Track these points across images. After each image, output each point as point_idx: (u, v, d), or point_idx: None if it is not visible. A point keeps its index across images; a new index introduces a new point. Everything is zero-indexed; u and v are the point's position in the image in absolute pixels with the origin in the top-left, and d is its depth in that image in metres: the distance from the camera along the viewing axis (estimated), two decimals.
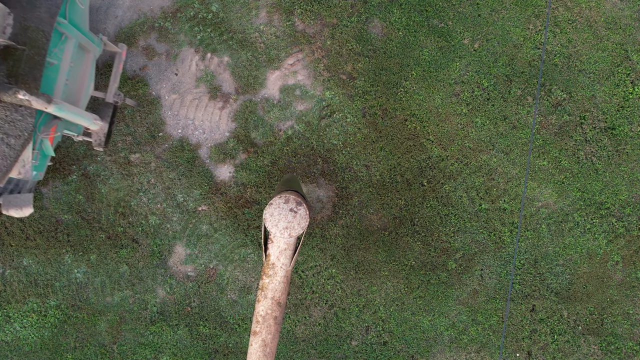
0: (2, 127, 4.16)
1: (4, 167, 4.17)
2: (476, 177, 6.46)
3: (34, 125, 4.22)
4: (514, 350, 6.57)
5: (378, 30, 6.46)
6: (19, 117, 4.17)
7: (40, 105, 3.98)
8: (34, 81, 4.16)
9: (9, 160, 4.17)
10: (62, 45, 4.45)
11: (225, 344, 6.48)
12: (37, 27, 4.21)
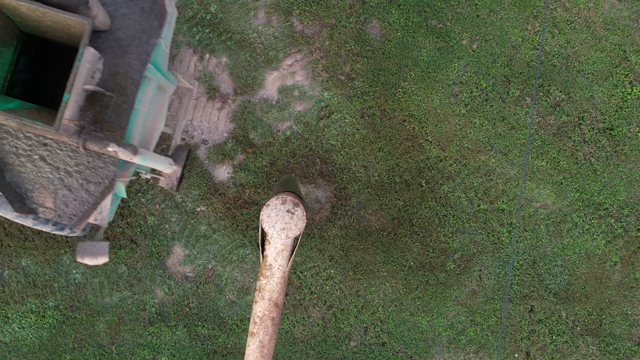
0: (82, 173, 4.06)
1: (81, 213, 4.07)
2: (474, 178, 6.47)
3: (115, 173, 4.12)
4: (512, 350, 6.57)
5: (376, 31, 6.47)
6: (100, 165, 4.06)
7: (126, 156, 3.85)
8: (120, 129, 4.01)
9: (87, 206, 4.07)
10: (143, 88, 4.32)
11: (223, 345, 6.48)
12: (127, 74, 4.07)
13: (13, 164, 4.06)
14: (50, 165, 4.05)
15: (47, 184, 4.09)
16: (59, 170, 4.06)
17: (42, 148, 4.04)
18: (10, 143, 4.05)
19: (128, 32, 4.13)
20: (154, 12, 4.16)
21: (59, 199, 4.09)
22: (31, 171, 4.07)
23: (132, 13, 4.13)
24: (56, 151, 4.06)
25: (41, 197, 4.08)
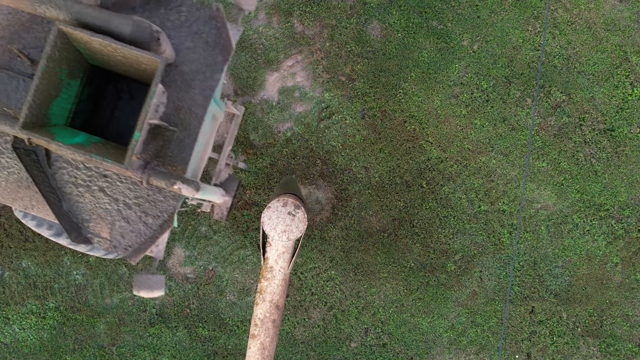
0: (141, 206, 4.02)
1: (137, 245, 4.03)
2: (475, 179, 6.46)
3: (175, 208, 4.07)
4: (513, 351, 6.57)
5: (377, 32, 6.46)
6: (160, 198, 4.02)
7: (189, 193, 3.77)
8: (182, 164, 3.93)
9: (144, 239, 4.04)
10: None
11: (224, 346, 6.47)
12: (190, 108, 3.98)
13: (71, 194, 4.04)
14: (109, 196, 4.03)
15: (105, 215, 4.06)
16: (117, 202, 4.04)
17: (102, 179, 4.03)
18: (70, 173, 4.03)
19: (192, 66, 4.05)
20: (219, 46, 4.06)
21: (116, 230, 4.06)
22: (89, 201, 4.05)
23: (196, 47, 4.05)
24: (116, 183, 4.04)
25: (97, 227, 4.07)
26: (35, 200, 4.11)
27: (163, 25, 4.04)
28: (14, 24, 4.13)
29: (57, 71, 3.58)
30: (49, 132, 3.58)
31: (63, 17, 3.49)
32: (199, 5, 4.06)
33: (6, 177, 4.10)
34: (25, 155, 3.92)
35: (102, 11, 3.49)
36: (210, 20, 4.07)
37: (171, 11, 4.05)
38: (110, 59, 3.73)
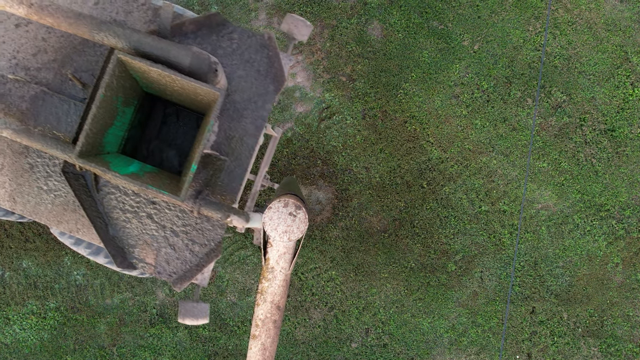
0: (189, 234, 4.01)
1: (182, 272, 4.03)
2: (476, 179, 6.46)
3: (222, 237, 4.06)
4: (514, 352, 6.56)
5: (378, 32, 6.46)
6: (208, 227, 4.00)
7: (239, 224, 3.75)
8: (232, 194, 3.92)
9: (189, 266, 4.02)
10: None
11: (224, 346, 6.47)
12: (242, 138, 3.97)
13: (118, 219, 4.04)
14: (156, 223, 4.03)
15: (151, 241, 4.06)
16: (165, 229, 4.04)
17: (151, 206, 4.02)
18: (118, 198, 4.03)
19: (244, 95, 4.02)
20: (270, 75, 4.03)
21: (161, 257, 4.06)
22: (136, 227, 4.05)
23: (248, 75, 4.02)
24: (164, 210, 4.03)
25: (143, 253, 4.06)
26: (81, 224, 4.10)
27: (215, 52, 4.01)
28: (67, 47, 4.13)
29: (113, 99, 3.56)
30: (104, 160, 3.56)
31: (121, 46, 3.46)
32: (250, 33, 4.02)
33: (52, 200, 4.10)
34: (74, 179, 3.92)
35: (160, 41, 3.46)
36: (261, 49, 4.03)
37: (223, 38, 4.02)
38: (167, 88, 3.70)
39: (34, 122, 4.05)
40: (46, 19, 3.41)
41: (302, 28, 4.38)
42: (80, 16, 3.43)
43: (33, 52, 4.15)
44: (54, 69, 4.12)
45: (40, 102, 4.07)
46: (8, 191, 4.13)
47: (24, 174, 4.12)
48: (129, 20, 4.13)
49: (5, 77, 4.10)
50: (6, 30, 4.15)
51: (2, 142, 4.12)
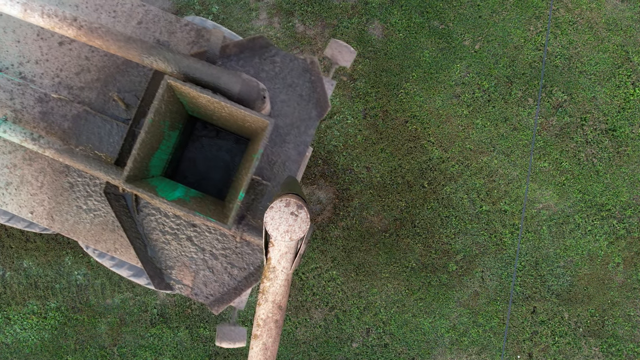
0: (228, 257, 4.02)
1: (219, 294, 4.03)
2: (477, 179, 6.46)
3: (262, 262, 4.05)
4: (515, 352, 6.56)
5: (378, 32, 6.46)
6: (248, 251, 4.01)
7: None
8: None
9: (227, 289, 4.03)
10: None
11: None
12: (284, 163, 3.97)
13: (157, 241, 4.04)
14: (196, 245, 4.02)
15: (190, 263, 4.05)
16: (204, 251, 4.03)
17: (191, 229, 4.01)
18: (158, 220, 4.03)
19: (287, 120, 4.00)
20: (313, 100, 4.01)
21: (199, 279, 4.06)
22: (175, 249, 4.04)
23: (290, 100, 4.01)
24: (204, 233, 4.02)
25: (180, 274, 4.06)
26: (119, 243, 4.11)
27: (258, 75, 3.99)
28: (110, 66, 4.12)
29: (161, 124, 3.55)
30: (151, 185, 3.55)
31: (171, 70, 3.44)
32: (292, 56, 4.00)
33: (92, 220, 4.10)
34: (115, 200, 3.92)
35: (210, 66, 3.43)
36: (304, 73, 4.01)
37: (265, 61, 4.00)
38: (214, 113, 3.68)
39: (75, 142, 4.05)
40: (95, 41, 3.39)
41: (346, 54, 4.34)
42: (130, 40, 3.41)
43: (76, 71, 4.13)
44: (97, 88, 4.11)
45: (83, 122, 4.06)
46: (47, 209, 4.13)
47: (63, 192, 4.12)
48: (172, 41, 4.12)
49: (48, 96, 4.09)
50: (50, 48, 4.14)
51: (43, 161, 4.11)
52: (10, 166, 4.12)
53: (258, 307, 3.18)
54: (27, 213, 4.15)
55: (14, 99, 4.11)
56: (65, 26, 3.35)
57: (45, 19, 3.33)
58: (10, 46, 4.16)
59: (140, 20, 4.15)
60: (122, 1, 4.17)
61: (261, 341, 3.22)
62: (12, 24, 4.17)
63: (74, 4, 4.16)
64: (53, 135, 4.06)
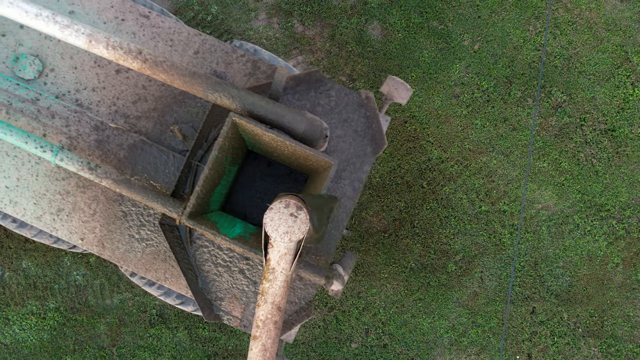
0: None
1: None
2: (476, 179, 6.46)
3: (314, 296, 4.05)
4: (514, 352, 6.56)
5: (378, 32, 6.45)
6: (300, 286, 4.01)
7: (337, 287, 3.76)
8: (327, 255, 3.93)
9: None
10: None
11: (224, 347, 6.47)
12: (340, 200, 3.96)
13: (209, 272, 4.05)
14: (248, 278, 4.03)
15: (240, 296, 4.06)
16: (256, 284, 4.03)
17: (244, 262, 4.02)
18: (211, 252, 4.03)
19: (342, 155, 3.97)
20: (368, 136, 3.98)
21: (249, 311, 4.06)
22: (226, 281, 4.05)
23: (346, 135, 3.97)
24: (257, 266, 4.03)
25: (230, 306, 4.07)
26: (170, 273, 4.12)
27: (314, 109, 3.97)
28: (167, 96, 4.11)
29: (223, 160, 3.53)
30: (212, 221, 3.53)
31: (235, 107, 3.42)
32: (347, 91, 3.98)
33: (143, 249, 4.11)
34: (169, 231, 3.93)
35: (275, 104, 3.41)
36: (359, 108, 3.98)
37: (321, 95, 3.98)
38: (275, 150, 3.65)
39: (131, 171, 4.05)
40: (160, 75, 3.36)
41: (403, 91, 4.31)
42: (195, 75, 3.37)
43: (133, 100, 4.12)
44: (154, 118, 4.09)
45: (139, 151, 4.06)
46: (98, 236, 4.14)
47: (116, 221, 4.12)
48: (229, 72, 4.10)
49: (104, 124, 4.08)
50: (107, 75, 4.13)
51: (96, 189, 4.11)
52: (63, 193, 4.12)
53: (257, 308, 3.18)
54: (77, 239, 4.16)
55: (70, 126, 4.10)
56: (130, 59, 3.31)
57: (110, 51, 3.29)
58: (67, 72, 4.14)
59: (197, 50, 4.13)
60: (178, 29, 4.15)
61: (260, 342, 3.22)
62: (70, 50, 4.15)
63: (131, 32, 4.14)
64: (108, 164, 4.06)
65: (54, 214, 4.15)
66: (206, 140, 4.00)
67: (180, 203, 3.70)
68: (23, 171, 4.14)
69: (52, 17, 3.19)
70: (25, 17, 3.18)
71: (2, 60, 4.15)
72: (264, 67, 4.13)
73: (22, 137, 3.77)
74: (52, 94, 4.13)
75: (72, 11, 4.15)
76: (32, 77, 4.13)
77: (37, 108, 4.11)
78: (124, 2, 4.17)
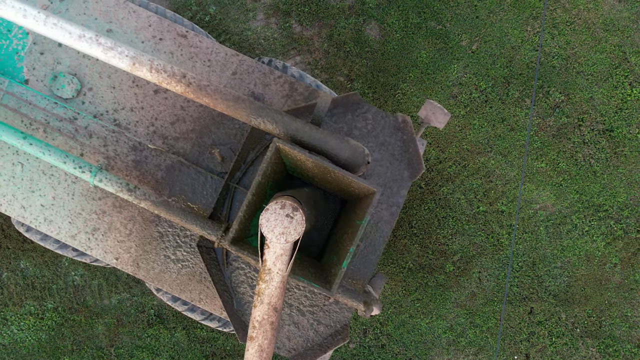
0: (315, 314, 4.01)
1: (302, 349, 4.03)
2: (474, 180, 6.46)
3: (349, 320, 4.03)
4: (512, 352, 6.56)
5: (375, 32, 6.45)
6: (336, 310, 4.01)
7: (375, 312, 3.77)
8: (363, 279, 3.93)
9: (311, 345, 4.02)
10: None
11: (222, 347, 6.47)
12: (376, 224, 3.96)
13: (244, 294, 4.04)
14: (284, 301, 4.01)
15: None
16: (291, 307, 4.04)
17: None
18: (247, 274, 4.03)
19: (379, 179, 3.97)
20: (405, 160, 3.97)
21: (283, 333, 4.06)
22: None
23: (383, 159, 3.96)
24: (293, 289, 4.03)
25: None
26: (204, 294, 4.13)
27: (351, 132, 3.96)
28: (205, 117, 4.10)
29: (265, 185, 3.54)
30: (252, 246, 3.53)
31: (278, 132, 3.40)
32: (383, 114, 3.97)
33: (179, 270, 4.12)
34: (206, 253, 3.93)
35: (318, 130, 3.40)
36: (395, 132, 3.97)
37: (358, 118, 3.97)
38: (317, 176, 3.65)
39: (168, 192, 4.05)
40: (204, 99, 3.34)
41: (440, 116, 4.30)
42: (239, 100, 3.36)
43: (171, 121, 4.11)
44: (192, 139, 4.08)
45: (177, 173, 4.06)
46: (133, 256, 4.15)
47: (152, 241, 4.13)
48: (266, 93, 4.10)
49: (142, 144, 4.07)
50: (145, 95, 4.13)
51: (133, 209, 4.11)
52: (99, 212, 4.13)
53: (253, 309, 3.18)
54: (111, 259, 4.16)
55: (107, 145, 4.10)
56: (174, 82, 3.29)
57: (153, 74, 3.26)
58: (105, 92, 4.14)
59: (235, 71, 4.12)
60: (215, 50, 4.14)
61: (257, 343, 3.22)
62: (108, 69, 4.14)
63: (168, 51, 4.13)
64: (145, 185, 4.06)
65: (89, 233, 4.16)
66: (244, 162, 4.00)
67: (219, 225, 3.70)
68: (59, 190, 4.15)
69: (96, 38, 3.17)
70: (68, 38, 3.16)
71: (40, 79, 4.14)
72: (301, 89, 4.13)
73: (60, 157, 3.77)
74: (90, 113, 4.12)
75: (109, 29, 4.15)
76: (70, 96, 4.12)
77: (74, 127, 4.11)
78: (161, 21, 4.15)
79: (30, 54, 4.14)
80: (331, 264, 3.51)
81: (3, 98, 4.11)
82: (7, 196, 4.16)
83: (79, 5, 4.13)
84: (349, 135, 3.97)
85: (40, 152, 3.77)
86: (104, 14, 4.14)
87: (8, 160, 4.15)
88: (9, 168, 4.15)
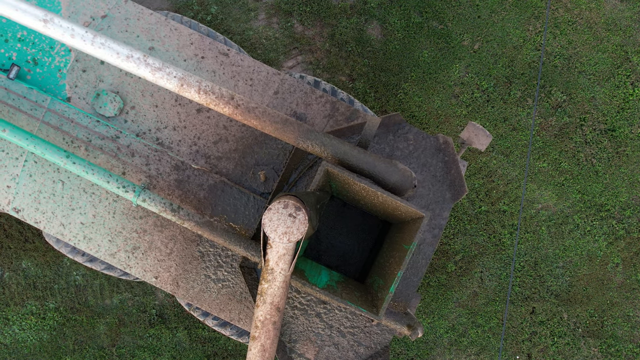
0: (355, 335, 4.00)
1: None
2: (476, 179, 6.45)
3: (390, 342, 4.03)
4: (514, 352, 6.56)
5: (377, 32, 6.45)
6: (377, 331, 4.00)
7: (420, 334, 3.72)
8: (405, 300, 3.92)
9: None
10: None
11: (224, 347, 6.46)
12: (419, 246, 3.95)
13: (285, 315, 4.03)
14: (324, 322, 4.02)
15: (315, 339, 4.05)
16: (331, 328, 4.03)
17: (321, 306, 4.00)
18: (289, 295, 4.01)
19: (422, 201, 3.95)
20: (446, 181, 3.95)
21: (323, 354, 4.05)
22: (302, 324, 4.04)
23: (425, 180, 3.95)
24: (334, 311, 4.01)
25: (304, 348, 4.06)
26: (244, 314, 4.13)
27: (393, 153, 3.95)
28: (248, 137, 4.08)
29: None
30: (300, 269, 3.51)
31: (326, 155, 3.38)
32: (425, 134, 3.95)
33: (219, 289, 4.12)
34: (248, 274, 3.92)
35: (367, 154, 3.37)
36: (437, 153, 3.95)
37: (399, 138, 3.95)
38: (363, 199, 3.61)
39: (210, 212, 4.03)
40: (251, 121, 3.31)
41: (482, 137, 4.26)
42: (287, 122, 3.32)
43: (214, 140, 4.09)
44: (235, 159, 4.07)
45: (219, 192, 4.05)
46: (172, 275, 4.14)
47: (192, 261, 4.12)
48: (308, 113, 4.08)
49: (185, 164, 4.06)
50: (188, 114, 4.10)
51: (175, 228, 4.10)
52: (140, 231, 4.12)
53: (256, 309, 3.17)
54: (151, 277, 4.15)
55: (150, 164, 4.08)
56: (222, 104, 3.25)
57: (201, 96, 3.22)
58: (148, 110, 4.11)
59: (277, 90, 4.10)
60: (257, 68, 4.11)
61: (259, 342, 3.21)
62: (150, 88, 4.11)
63: (211, 70, 4.10)
64: (187, 204, 4.04)
65: (128, 252, 4.15)
66: (287, 183, 3.98)
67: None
68: (100, 208, 4.14)
69: (144, 59, 3.14)
70: (116, 58, 3.12)
71: (82, 97, 4.11)
72: (343, 109, 4.10)
73: (104, 177, 3.76)
74: (133, 132, 4.10)
75: (152, 47, 4.12)
76: (113, 114, 4.09)
77: (116, 145, 4.09)
78: (203, 39, 4.12)
79: (72, 71, 4.11)
80: (377, 287, 3.48)
81: (45, 115, 4.08)
82: (46, 213, 4.15)
83: (120, 23, 4.10)
84: (390, 157, 3.95)
85: (84, 171, 3.76)
86: (145, 31, 4.11)
87: (49, 177, 4.13)
88: (50, 186, 4.13)
